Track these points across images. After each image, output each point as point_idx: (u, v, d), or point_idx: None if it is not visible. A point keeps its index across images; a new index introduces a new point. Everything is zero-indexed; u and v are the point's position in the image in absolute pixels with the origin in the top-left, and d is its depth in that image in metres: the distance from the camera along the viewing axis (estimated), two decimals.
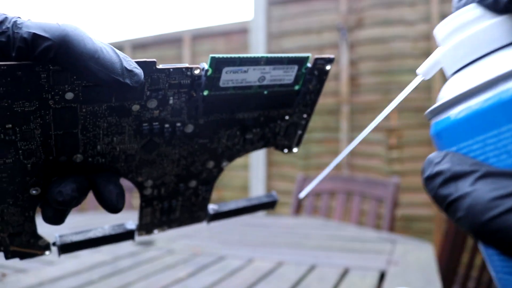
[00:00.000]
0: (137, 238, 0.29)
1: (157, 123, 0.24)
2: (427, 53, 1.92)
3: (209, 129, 0.26)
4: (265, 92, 0.26)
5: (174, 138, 0.26)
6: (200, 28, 2.48)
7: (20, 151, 0.22)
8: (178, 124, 0.25)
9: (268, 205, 0.33)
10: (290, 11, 2.20)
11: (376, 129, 2.02)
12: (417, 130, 1.97)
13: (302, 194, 0.29)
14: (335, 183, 1.42)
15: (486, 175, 0.16)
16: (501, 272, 0.18)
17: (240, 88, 0.25)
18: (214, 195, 0.33)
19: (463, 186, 0.16)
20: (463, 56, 0.18)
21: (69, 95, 0.21)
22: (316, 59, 0.26)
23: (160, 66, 0.22)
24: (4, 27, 0.18)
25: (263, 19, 2.24)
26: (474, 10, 0.18)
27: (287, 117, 0.28)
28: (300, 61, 0.25)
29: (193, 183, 0.29)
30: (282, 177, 2.24)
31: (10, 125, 0.21)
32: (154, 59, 0.22)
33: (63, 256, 0.85)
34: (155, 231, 0.30)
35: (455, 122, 0.17)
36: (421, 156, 1.96)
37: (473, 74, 0.18)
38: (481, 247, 0.19)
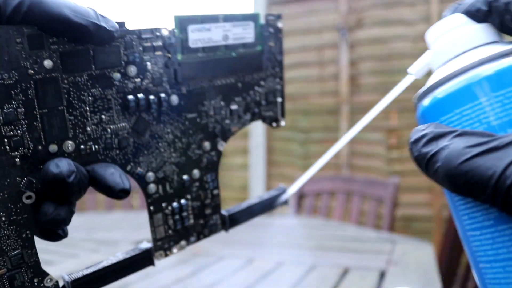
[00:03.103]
0: (138, 244, 0.28)
1: (142, 95, 0.24)
2: None
3: (193, 100, 0.27)
4: (233, 54, 0.28)
5: (163, 114, 0.25)
6: None
7: (5, 140, 0.19)
8: (163, 95, 0.25)
9: (280, 199, 0.33)
10: (290, 11, 2.20)
11: (376, 129, 2.02)
12: None
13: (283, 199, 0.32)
14: (335, 183, 1.42)
15: (462, 134, 0.19)
16: (468, 230, 0.21)
17: (209, 49, 0.27)
18: None
19: (443, 142, 0.19)
20: (447, 53, 0.23)
21: (48, 63, 0.20)
22: (266, 15, 0.29)
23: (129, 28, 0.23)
24: None
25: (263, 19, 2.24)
26: (460, 18, 0.23)
27: (262, 83, 0.30)
28: (253, 17, 0.28)
29: (196, 173, 0.28)
30: (282, 177, 2.24)
31: None
32: (123, 20, 0.23)
33: (63, 256, 0.84)
34: (174, 250, 0.28)
35: (437, 101, 0.21)
36: None
37: (452, 65, 0.22)
38: (452, 210, 0.22)
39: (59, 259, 0.79)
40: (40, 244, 0.22)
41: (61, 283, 0.23)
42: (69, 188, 0.20)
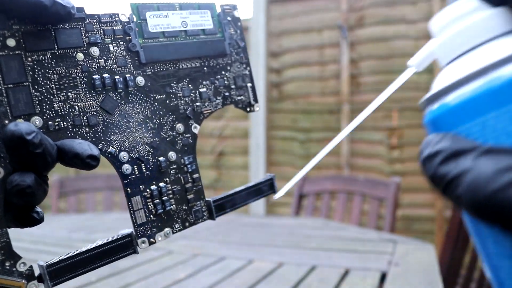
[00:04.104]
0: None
1: (107, 75, 0.25)
2: None
3: (160, 82, 0.28)
4: (195, 40, 0.29)
5: (131, 94, 0.26)
6: None
7: None
8: (128, 75, 0.26)
9: (267, 187, 0.34)
10: (290, 9, 2.19)
11: (377, 128, 2.02)
12: (418, 129, 1.97)
13: (277, 196, 0.31)
14: (336, 183, 1.41)
15: (488, 152, 0.16)
16: (495, 256, 0.18)
17: (169, 34, 0.28)
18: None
19: (465, 162, 0.16)
20: (459, 45, 0.19)
21: (11, 42, 0.21)
22: (221, 5, 0.30)
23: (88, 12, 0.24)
24: None
25: (263, 18, 2.23)
26: (470, 2, 0.19)
27: (229, 68, 0.31)
28: (209, 7, 0.29)
29: (172, 155, 0.28)
30: (282, 177, 2.24)
31: None
32: (82, 6, 0.24)
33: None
34: (158, 238, 0.27)
35: (453, 106, 0.18)
36: None
37: (469, 62, 0.18)
38: (473, 232, 0.19)
39: None
40: (39, 245, 0.21)
41: (36, 272, 0.22)
42: (30, 148, 0.20)
